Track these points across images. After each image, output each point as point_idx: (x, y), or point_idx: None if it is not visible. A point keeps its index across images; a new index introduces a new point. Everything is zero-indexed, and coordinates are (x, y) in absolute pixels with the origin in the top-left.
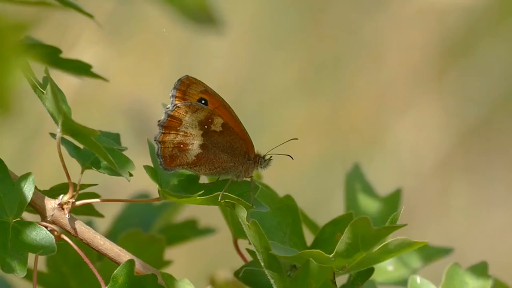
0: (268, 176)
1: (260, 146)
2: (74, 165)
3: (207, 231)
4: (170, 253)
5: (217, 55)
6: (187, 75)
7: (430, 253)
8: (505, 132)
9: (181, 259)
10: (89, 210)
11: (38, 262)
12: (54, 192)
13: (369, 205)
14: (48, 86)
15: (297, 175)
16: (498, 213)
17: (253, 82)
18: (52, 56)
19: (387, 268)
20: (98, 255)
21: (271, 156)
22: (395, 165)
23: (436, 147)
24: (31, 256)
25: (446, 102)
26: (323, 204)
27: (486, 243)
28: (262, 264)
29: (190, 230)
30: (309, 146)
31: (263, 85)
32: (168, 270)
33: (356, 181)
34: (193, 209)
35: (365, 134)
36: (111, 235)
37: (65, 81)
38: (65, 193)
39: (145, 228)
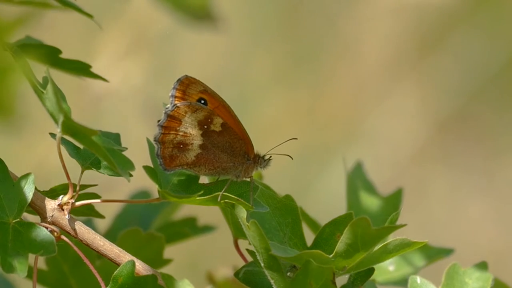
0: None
1: None
2: (74, 166)
3: (207, 229)
4: (170, 251)
5: (194, 49)
6: (186, 75)
7: (431, 253)
8: (482, 121)
9: (181, 259)
10: (89, 211)
11: (39, 260)
12: (54, 193)
13: (370, 205)
14: (49, 86)
15: (274, 166)
16: (475, 201)
17: (231, 74)
18: (52, 56)
19: (387, 268)
20: (98, 254)
21: (270, 156)
22: (373, 154)
23: (414, 136)
24: (31, 255)
25: (423, 91)
26: (302, 194)
27: (464, 231)
28: (262, 264)
29: (189, 228)
30: (287, 137)
31: (242, 77)
32: (168, 269)
33: (357, 180)
34: (192, 207)
35: (343, 124)
36: (111, 233)
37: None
38: (65, 193)
39: (145, 226)
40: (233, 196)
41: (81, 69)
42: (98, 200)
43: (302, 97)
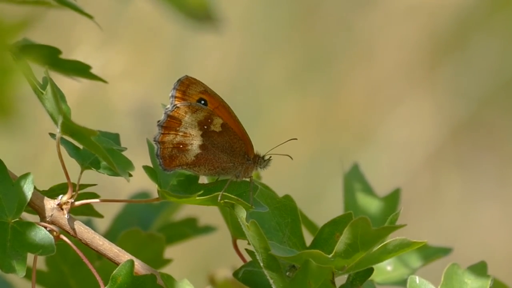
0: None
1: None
2: (73, 165)
3: (207, 229)
4: (170, 252)
5: (209, 52)
6: (186, 75)
7: (429, 253)
8: (496, 127)
9: (180, 259)
10: (88, 210)
11: (38, 261)
12: (53, 192)
13: (368, 205)
14: (48, 86)
15: (288, 171)
16: (489, 208)
17: (245, 79)
18: (51, 57)
19: (386, 268)
20: (98, 254)
21: (270, 156)
22: (386, 160)
23: (427, 142)
24: (30, 255)
25: (437, 97)
26: (315, 201)
27: (478, 238)
28: (262, 264)
29: (189, 228)
30: (300, 143)
31: (255, 82)
32: (167, 269)
33: (354, 180)
34: (193, 208)
35: (357, 130)
36: (111, 234)
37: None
38: (64, 193)
39: (145, 226)
40: (233, 196)
41: (80, 70)
42: (98, 200)
43: (316, 102)
